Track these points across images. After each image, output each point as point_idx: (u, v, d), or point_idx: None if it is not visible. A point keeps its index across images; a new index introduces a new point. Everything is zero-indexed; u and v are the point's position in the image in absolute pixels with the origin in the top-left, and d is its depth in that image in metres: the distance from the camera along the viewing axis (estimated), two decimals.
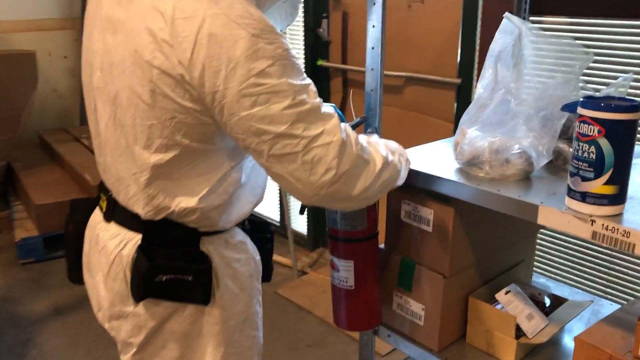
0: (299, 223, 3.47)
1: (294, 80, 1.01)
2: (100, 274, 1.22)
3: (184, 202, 1.12)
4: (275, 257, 3.23)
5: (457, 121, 2.40)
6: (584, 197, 1.07)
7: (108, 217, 1.22)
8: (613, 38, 1.73)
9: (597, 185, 1.05)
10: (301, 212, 1.52)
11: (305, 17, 2.98)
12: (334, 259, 1.42)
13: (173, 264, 1.13)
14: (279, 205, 3.51)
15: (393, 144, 1.27)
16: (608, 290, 1.98)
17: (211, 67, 0.97)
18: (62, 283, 2.99)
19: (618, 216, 1.06)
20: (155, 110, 1.03)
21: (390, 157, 1.18)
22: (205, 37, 0.96)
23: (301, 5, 1.28)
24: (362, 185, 1.10)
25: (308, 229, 3.37)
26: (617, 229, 1.03)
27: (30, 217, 3.42)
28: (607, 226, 1.04)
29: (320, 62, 2.96)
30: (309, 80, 1.06)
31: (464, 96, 2.36)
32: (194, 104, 1.02)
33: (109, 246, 1.18)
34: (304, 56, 3.07)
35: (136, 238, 1.16)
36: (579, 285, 2.04)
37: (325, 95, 3.05)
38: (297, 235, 3.40)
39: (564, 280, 2.07)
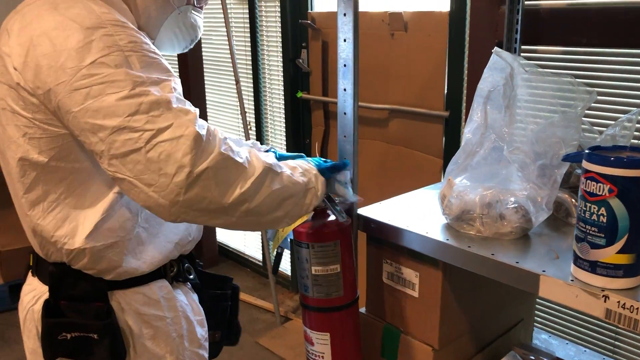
0: (282, 262, 3.28)
1: (138, 72, 0.89)
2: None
3: (68, 241, 0.99)
4: (256, 301, 3.04)
5: (447, 156, 2.25)
6: (593, 267, 0.90)
7: (33, 271, 1.12)
8: (613, 68, 1.57)
9: (610, 254, 0.88)
10: (274, 272, 1.34)
11: (283, 47, 2.83)
12: (307, 330, 1.23)
13: (75, 320, 1.01)
14: (260, 242, 3.32)
15: (298, 162, 1.09)
16: (617, 343, 1.80)
17: (42, 65, 0.89)
18: None
19: (635, 289, 0.90)
20: (8, 129, 0.96)
21: (281, 169, 1.00)
22: (37, 37, 0.90)
23: (201, 19, 1.16)
24: (238, 192, 0.91)
25: (292, 269, 3.17)
26: (637, 308, 0.86)
27: None
28: (624, 304, 0.87)
29: (301, 94, 2.81)
30: (169, 78, 0.92)
31: (452, 130, 2.20)
32: (37, 114, 0.93)
33: (24, 301, 1.11)
34: (282, 88, 2.91)
35: (47, 292, 1.05)
36: (584, 338, 1.86)
37: (307, 129, 2.88)
38: (279, 275, 3.20)
39: (567, 333, 1.88)
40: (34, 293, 1.07)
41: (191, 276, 1.16)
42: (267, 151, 1.30)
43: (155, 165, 0.86)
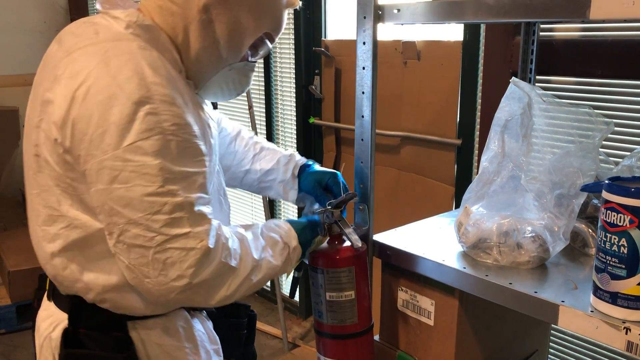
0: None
1: (173, 165, 0.88)
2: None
3: (91, 289, 0.98)
4: (263, 327, 3.02)
5: (458, 184, 2.26)
6: (614, 298, 0.90)
7: (49, 295, 1.10)
8: (627, 99, 1.58)
9: (631, 286, 0.88)
10: (292, 296, 1.32)
11: (297, 73, 2.86)
12: (320, 356, 1.23)
13: (94, 352, 1.00)
14: None
15: (277, 233, 1.08)
16: None
17: (79, 129, 0.87)
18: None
19: None
20: (40, 177, 0.95)
21: (263, 255, 1.03)
22: (82, 95, 0.87)
23: (252, 73, 1.15)
24: (224, 294, 0.97)
25: (300, 294, 3.16)
26: None
27: (3, 283, 3.20)
28: None
29: (313, 120, 2.83)
30: (199, 169, 0.92)
31: (464, 158, 2.21)
32: (69, 172, 0.92)
33: (41, 328, 1.08)
34: (295, 114, 2.94)
35: (66, 320, 1.03)
36: None
37: (318, 155, 2.89)
38: (287, 301, 3.18)
39: None
40: (51, 320, 1.05)
41: None
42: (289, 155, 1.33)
43: (159, 265, 0.88)
